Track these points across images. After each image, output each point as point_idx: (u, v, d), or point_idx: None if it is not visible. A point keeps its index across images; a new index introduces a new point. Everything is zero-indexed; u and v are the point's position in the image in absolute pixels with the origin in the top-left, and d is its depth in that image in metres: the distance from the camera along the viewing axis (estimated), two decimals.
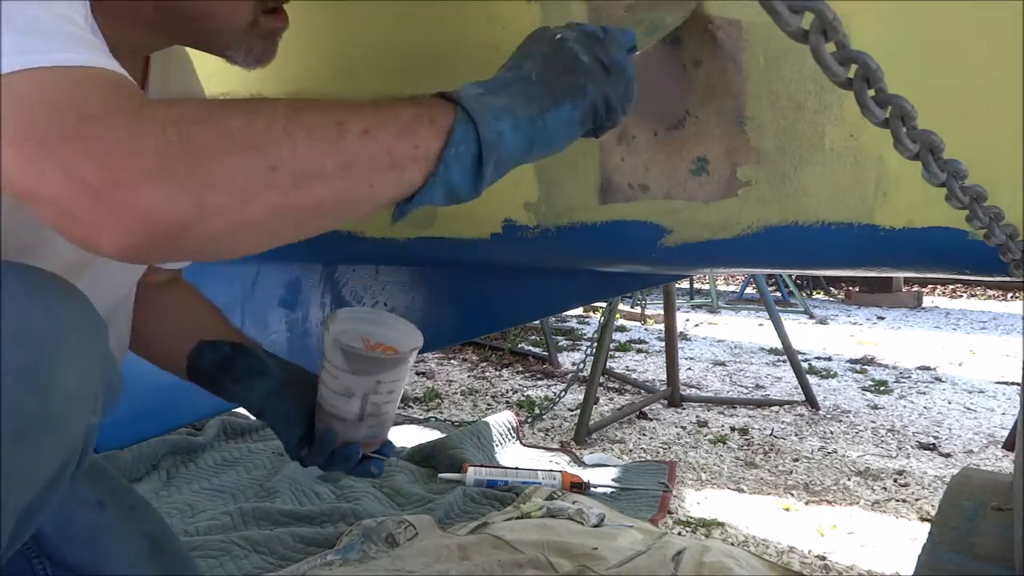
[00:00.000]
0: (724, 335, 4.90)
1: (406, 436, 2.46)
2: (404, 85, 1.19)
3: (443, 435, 2.36)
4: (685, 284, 7.12)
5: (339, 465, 0.91)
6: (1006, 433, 2.68)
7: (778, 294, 6.36)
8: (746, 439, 2.61)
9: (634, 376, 3.54)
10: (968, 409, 3.09)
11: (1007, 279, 0.92)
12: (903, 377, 3.70)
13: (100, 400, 0.71)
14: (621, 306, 5.13)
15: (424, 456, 2.18)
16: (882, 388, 3.42)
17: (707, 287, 6.79)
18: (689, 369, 3.78)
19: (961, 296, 7.34)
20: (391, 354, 0.86)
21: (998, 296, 7.19)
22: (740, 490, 2.11)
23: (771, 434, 2.67)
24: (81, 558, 0.92)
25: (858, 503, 2.03)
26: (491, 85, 0.68)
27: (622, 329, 4.91)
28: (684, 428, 2.73)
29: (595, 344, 2.87)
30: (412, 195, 0.64)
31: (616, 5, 0.94)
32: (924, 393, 3.36)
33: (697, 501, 2.03)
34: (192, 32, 0.80)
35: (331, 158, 0.58)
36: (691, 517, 1.90)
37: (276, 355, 1.02)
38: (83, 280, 0.71)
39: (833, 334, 5.02)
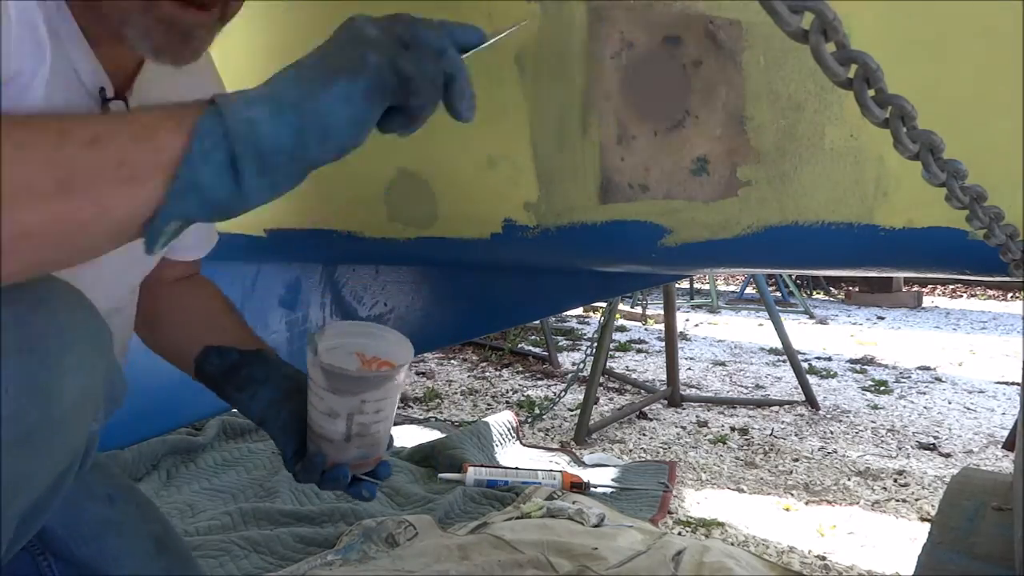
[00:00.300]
0: (724, 335, 4.90)
1: (406, 436, 2.47)
2: None
3: (443, 435, 2.36)
4: (685, 284, 7.12)
5: (329, 486, 0.88)
6: (1006, 433, 2.67)
7: (778, 294, 6.36)
8: (746, 439, 2.60)
9: (634, 376, 3.54)
10: (968, 409, 3.09)
11: (1007, 279, 0.92)
12: (903, 377, 3.69)
13: (102, 407, 0.70)
14: (621, 306, 5.13)
15: (424, 456, 2.18)
16: (882, 388, 3.41)
17: (707, 287, 6.79)
18: (689, 369, 3.78)
19: (961, 296, 7.34)
20: (373, 371, 0.83)
21: (998, 296, 7.18)
22: (740, 490, 2.11)
23: (771, 434, 2.67)
24: (87, 554, 0.92)
25: (858, 503, 2.03)
26: (261, 84, 0.60)
27: (622, 329, 4.91)
28: (684, 428, 2.73)
29: (595, 344, 2.87)
30: (159, 210, 0.55)
31: (616, 5, 0.95)
32: (924, 393, 3.36)
33: (697, 501, 2.03)
34: (86, 7, 0.70)
35: (46, 174, 0.50)
36: (691, 517, 1.90)
37: (288, 363, 0.99)
38: (84, 280, 0.71)
39: (833, 334, 5.02)
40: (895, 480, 2.20)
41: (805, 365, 3.58)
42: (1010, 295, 6.97)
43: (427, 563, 1.48)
